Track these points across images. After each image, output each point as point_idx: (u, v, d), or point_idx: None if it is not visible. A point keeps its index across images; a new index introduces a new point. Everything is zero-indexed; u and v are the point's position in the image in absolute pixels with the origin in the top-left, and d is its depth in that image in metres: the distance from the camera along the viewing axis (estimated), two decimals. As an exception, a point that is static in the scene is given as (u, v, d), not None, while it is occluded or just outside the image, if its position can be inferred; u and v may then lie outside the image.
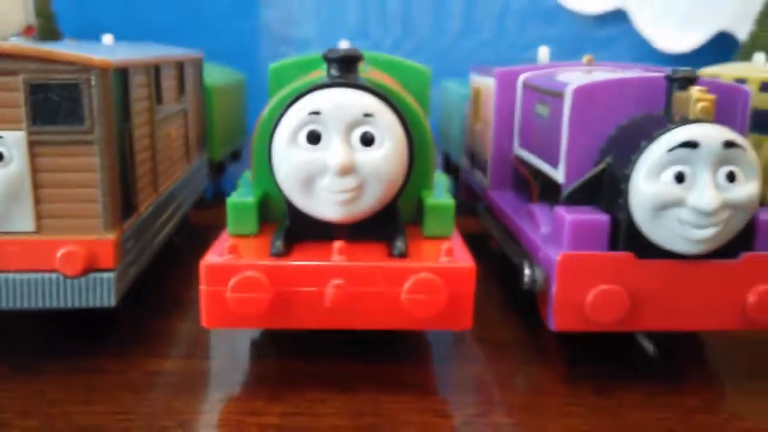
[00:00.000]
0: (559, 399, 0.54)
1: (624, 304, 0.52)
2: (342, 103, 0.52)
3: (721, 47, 1.79)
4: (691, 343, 0.63)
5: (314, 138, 0.51)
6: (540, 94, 0.67)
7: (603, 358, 0.59)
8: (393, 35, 2.03)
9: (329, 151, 0.51)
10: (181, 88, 0.84)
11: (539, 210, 0.62)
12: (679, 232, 0.51)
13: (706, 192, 0.50)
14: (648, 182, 0.51)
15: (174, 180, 0.79)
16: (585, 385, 0.55)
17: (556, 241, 0.55)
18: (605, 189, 0.55)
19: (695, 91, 0.52)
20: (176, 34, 1.94)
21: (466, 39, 2.06)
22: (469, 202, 0.91)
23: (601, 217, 0.53)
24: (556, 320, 0.53)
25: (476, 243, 0.64)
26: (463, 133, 0.99)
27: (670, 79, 0.54)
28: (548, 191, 0.64)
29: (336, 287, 0.49)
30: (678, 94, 0.53)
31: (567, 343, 0.62)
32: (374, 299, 0.50)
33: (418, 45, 2.07)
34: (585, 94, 0.57)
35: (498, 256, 0.74)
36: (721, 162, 0.50)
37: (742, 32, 1.78)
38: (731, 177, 0.51)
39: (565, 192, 0.58)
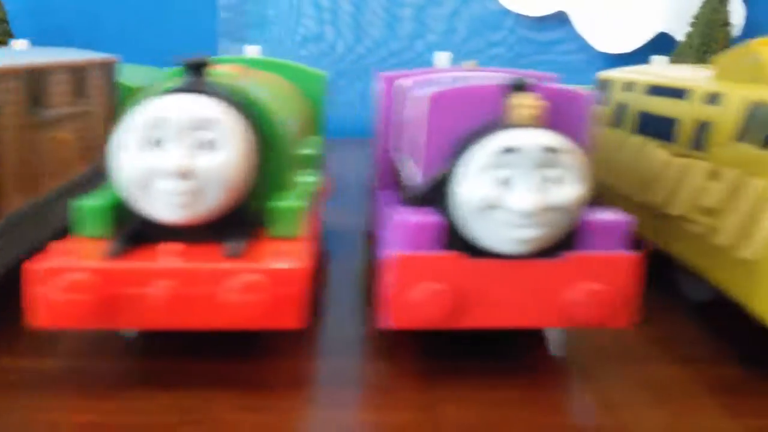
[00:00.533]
0: (386, 394, 0.55)
1: (449, 302, 0.53)
2: (182, 107, 0.53)
3: (661, 48, 1.81)
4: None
5: (154, 141, 0.53)
6: (406, 98, 0.69)
7: (435, 355, 0.61)
8: (346, 40, 2.05)
9: (167, 155, 0.52)
10: (79, 91, 0.86)
11: (395, 211, 0.64)
12: (502, 232, 0.53)
13: (525, 194, 0.51)
14: (472, 185, 0.52)
15: (64, 180, 0.80)
16: (410, 381, 0.57)
17: (392, 242, 0.57)
18: (444, 192, 0.57)
19: (521, 97, 0.53)
20: (130, 38, 1.95)
21: (418, 42, 2.08)
22: None
23: (432, 219, 0.55)
24: (389, 318, 0.54)
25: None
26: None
27: (504, 87, 0.56)
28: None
29: (161, 288, 0.50)
30: (508, 101, 0.54)
31: (414, 339, 0.64)
32: (199, 300, 0.51)
33: (371, 49, 2.09)
34: (439, 100, 0.59)
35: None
36: (543, 165, 0.52)
37: (681, 33, 1.81)
38: (553, 180, 0.52)
39: (408, 194, 0.59)
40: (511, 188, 0.52)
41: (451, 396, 0.55)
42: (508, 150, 0.52)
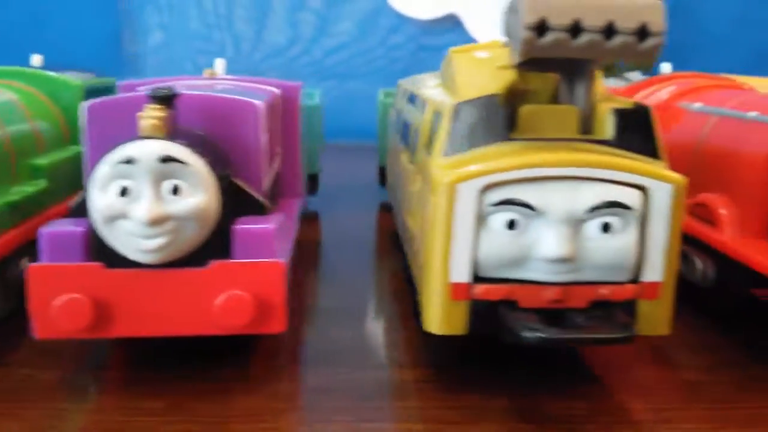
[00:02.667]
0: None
1: (87, 312, 0.54)
2: None
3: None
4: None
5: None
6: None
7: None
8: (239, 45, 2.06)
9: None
10: None
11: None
12: (129, 242, 0.54)
13: (144, 205, 0.52)
14: (98, 196, 0.53)
15: None
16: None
17: (40, 252, 0.57)
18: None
19: (148, 108, 0.54)
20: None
21: (319, 48, 2.09)
22: None
23: (73, 229, 0.56)
24: (36, 328, 0.55)
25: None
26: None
27: (149, 97, 0.57)
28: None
29: None
30: (140, 112, 0.55)
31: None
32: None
33: (269, 54, 2.10)
34: (95, 110, 0.60)
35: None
36: (163, 176, 0.53)
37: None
38: (175, 190, 0.53)
39: (72, 205, 0.60)
40: (133, 199, 0.53)
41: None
42: (127, 161, 0.53)
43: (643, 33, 0.52)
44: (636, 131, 0.58)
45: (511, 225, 0.54)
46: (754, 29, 1.95)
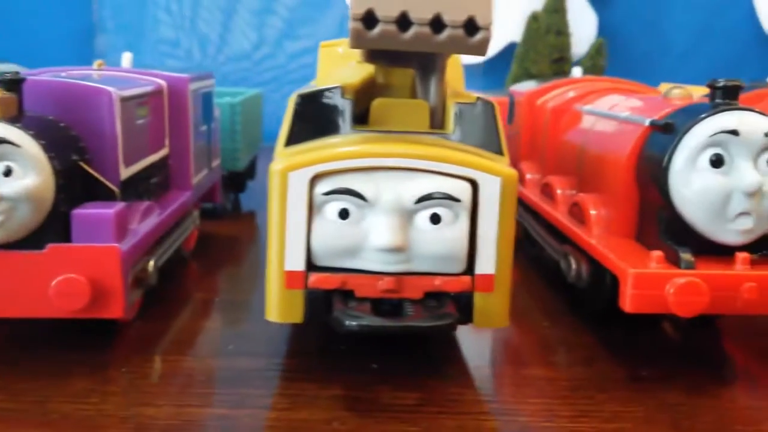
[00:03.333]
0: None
1: None
2: None
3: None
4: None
5: None
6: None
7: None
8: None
9: None
10: None
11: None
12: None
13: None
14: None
15: None
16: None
17: None
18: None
19: (-7, 93, 0.55)
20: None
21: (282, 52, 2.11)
22: None
23: None
24: None
25: None
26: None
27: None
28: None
29: None
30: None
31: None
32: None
33: (232, 58, 2.11)
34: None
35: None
36: (-5, 158, 0.54)
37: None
38: (7, 172, 0.54)
39: None
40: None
41: None
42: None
43: (471, 26, 0.53)
44: (478, 126, 0.58)
45: (344, 214, 0.54)
46: (716, 40, 1.96)
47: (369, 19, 0.52)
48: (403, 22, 0.52)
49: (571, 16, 1.80)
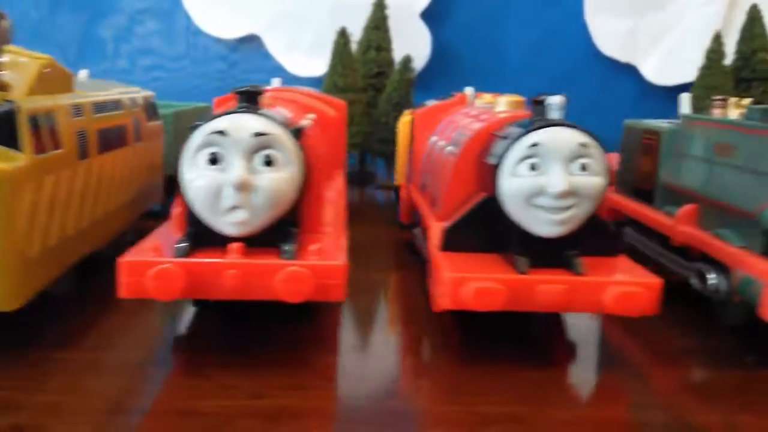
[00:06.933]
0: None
1: None
2: None
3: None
4: None
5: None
6: None
7: None
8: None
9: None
10: None
11: None
12: None
13: None
14: None
15: None
16: None
17: None
18: None
19: None
20: None
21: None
22: None
23: None
24: None
25: None
26: None
27: None
28: None
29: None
30: None
31: None
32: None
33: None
34: None
35: None
36: None
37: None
38: None
39: None
40: None
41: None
42: None
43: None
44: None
45: None
46: (547, 58, 2.03)
47: None
48: None
49: (406, 33, 1.87)
